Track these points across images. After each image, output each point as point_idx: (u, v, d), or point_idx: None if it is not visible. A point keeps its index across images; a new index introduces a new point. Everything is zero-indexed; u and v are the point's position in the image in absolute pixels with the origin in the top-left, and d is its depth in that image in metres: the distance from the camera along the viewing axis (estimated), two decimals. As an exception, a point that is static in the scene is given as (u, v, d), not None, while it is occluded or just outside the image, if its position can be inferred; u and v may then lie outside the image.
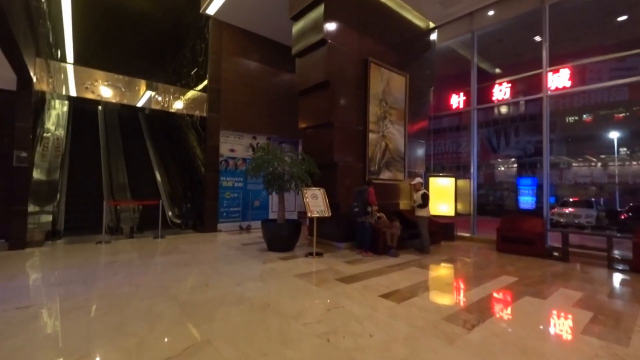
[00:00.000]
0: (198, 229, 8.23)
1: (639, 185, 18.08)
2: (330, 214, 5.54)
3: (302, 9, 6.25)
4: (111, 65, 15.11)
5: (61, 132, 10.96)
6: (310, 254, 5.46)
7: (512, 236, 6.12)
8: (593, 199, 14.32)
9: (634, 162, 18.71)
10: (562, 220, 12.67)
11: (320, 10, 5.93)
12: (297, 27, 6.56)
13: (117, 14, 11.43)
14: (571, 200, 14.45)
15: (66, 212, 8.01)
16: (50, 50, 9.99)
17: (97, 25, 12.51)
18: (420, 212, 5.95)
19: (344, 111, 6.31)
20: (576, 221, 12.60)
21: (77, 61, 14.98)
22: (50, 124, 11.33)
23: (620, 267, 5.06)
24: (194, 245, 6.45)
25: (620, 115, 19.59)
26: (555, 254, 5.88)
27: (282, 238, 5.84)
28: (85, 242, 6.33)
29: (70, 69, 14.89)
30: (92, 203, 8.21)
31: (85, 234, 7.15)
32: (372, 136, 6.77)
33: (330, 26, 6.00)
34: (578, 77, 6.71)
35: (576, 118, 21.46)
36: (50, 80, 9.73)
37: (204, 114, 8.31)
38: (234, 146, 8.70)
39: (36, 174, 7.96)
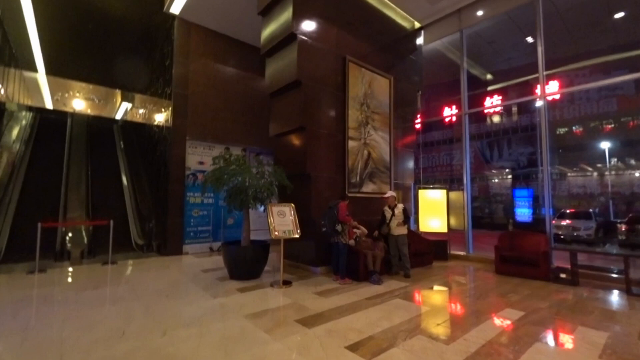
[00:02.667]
0: (162, 252, 7.27)
1: (634, 196, 17.60)
2: (299, 235, 4.68)
3: (270, 2, 5.61)
4: (83, 75, 14.41)
5: (17, 146, 10.05)
6: (277, 282, 4.57)
7: (513, 256, 5.31)
8: (591, 210, 13.70)
9: (629, 172, 18.30)
10: (560, 232, 11.96)
11: (289, 2, 5.28)
12: (265, 24, 5.90)
13: (87, 21, 10.76)
14: (568, 211, 13.81)
15: (12, 234, 7.06)
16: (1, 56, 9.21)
17: (67, 34, 11.81)
18: (401, 230, 5.14)
19: (319, 115, 5.57)
20: (575, 234, 11.90)
21: (49, 71, 14.24)
22: (8, 137, 10.44)
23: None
24: (144, 272, 5.51)
25: (610, 126, 19.46)
26: (563, 275, 5.08)
27: (245, 263, 4.93)
28: (19, 271, 5.36)
29: (37, 78, 14.14)
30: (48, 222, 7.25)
31: (31, 260, 6.16)
32: (352, 144, 6.02)
33: (301, 20, 5.34)
34: (565, 92, 6.16)
35: (566, 129, 21.29)
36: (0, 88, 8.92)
37: (169, 122, 7.51)
38: (204, 158, 7.87)
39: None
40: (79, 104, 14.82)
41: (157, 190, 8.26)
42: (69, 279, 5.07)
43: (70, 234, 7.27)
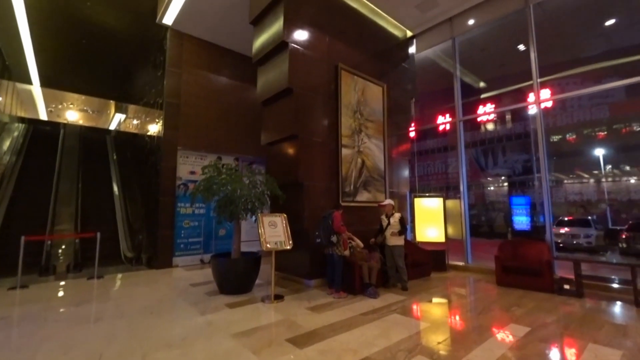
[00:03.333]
0: (151, 265, 7.02)
1: (632, 203, 17.52)
2: (291, 246, 4.49)
3: (261, 11, 5.56)
4: (78, 87, 14.34)
5: (7, 157, 9.85)
6: (268, 297, 4.36)
7: (515, 266, 5.13)
8: (590, 217, 13.56)
9: (625, 179, 18.29)
10: (559, 241, 11.78)
11: (280, 11, 5.23)
12: (257, 33, 5.85)
13: (81, 33, 10.74)
14: (566, 219, 13.66)
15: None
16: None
17: (62, 47, 11.79)
18: (397, 240, 4.98)
19: (311, 123, 5.46)
20: (575, 242, 11.72)
21: (44, 83, 14.16)
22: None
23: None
24: (131, 287, 5.27)
25: (603, 133, 19.58)
26: (567, 286, 4.90)
27: (235, 277, 4.72)
28: (0, 287, 5.11)
29: (31, 90, 14.04)
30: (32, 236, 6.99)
31: (16, 275, 5.91)
32: (345, 152, 5.89)
33: (293, 28, 5.29)
34: (559, 98, 6.11)
35: (560, 136, 21.41)
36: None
37: (161, 132, 7.38)
38: (195, 168, 7.70)
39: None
40: (72, 115, 14.68)
41: (148, 202, 8.06)
42: (52, 295, 4.81)
43: (58, 248, 7.01)
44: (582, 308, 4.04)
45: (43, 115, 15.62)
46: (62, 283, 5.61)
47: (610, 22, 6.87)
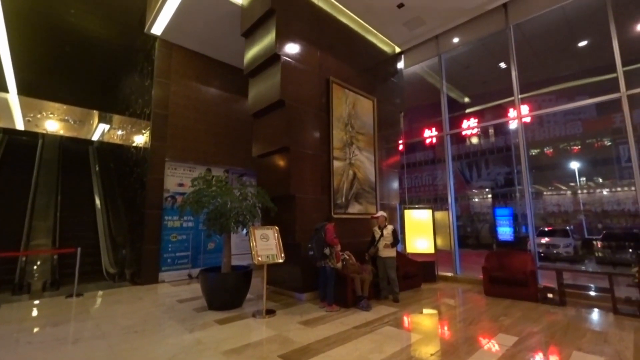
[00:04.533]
0: (135, 281, 6.75)
1: (605, 213, 18.33)
2: (283, 259, 4.44)
3: (253, 24, 5.65)
4: (59, 96, 13.93)
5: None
6: (259, 312, 4.26)
7: (501, 276, 5.24)
8: (568, 228, 14.07)
9: (598, 190, 19.17)
10: (540, 250, 12.13)
11: (272, 24, 5.34)
12: (249, 45, 5.92)
13: (63, 42, 10.52)
14: (546, 229, 14.12)
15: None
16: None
17: (43, 55, 11.49)
18: (389, 252, 5.02)
19: (303, 135, 5.51)
20: (555, 251, 12.11)
21: (21, 92, 13.69)
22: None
23: (627, 311, 4.25)
24: (114, 305, 5.03)
25: (577, 147, 20.61)
26: (550, 295, 5.04)
27: (225, 292, 4.60)
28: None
29: (7, 98, 13.53)
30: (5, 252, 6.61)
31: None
32: (337, 164, 5.95)
33: (285, 41, 5.39)
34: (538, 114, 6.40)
35: (538, 150, 22.32)
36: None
37: (147, 143, 7.24)
38: (184, 180, 7.56)
39: None
40: (52, 125, 14.20)
41: (133, 215, 7.81)
42: (25, 315, 4.54)
43: (34, 264, 6.65)
44: (566, 317, 4.16)
45: (20, 125, 15.05)
46: (37, 302, 5.31)
47: (582, 43, 7.39)
